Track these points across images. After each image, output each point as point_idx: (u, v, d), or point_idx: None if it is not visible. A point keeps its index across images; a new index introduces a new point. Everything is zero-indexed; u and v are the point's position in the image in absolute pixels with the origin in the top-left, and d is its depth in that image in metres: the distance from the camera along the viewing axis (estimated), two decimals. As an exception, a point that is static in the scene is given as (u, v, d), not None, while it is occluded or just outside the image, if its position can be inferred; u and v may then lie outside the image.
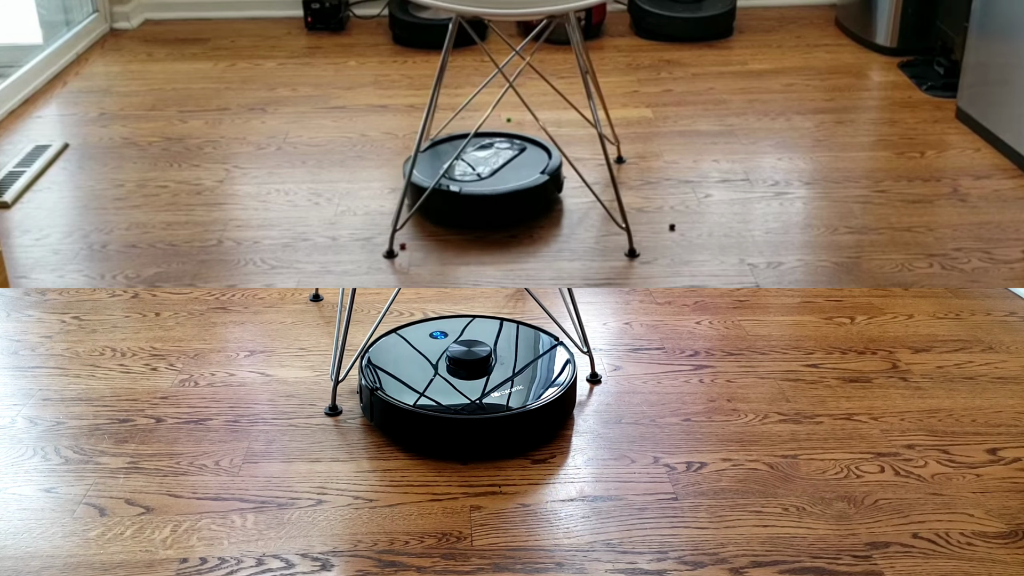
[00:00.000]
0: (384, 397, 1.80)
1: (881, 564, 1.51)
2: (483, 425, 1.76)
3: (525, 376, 1.90)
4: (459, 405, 1.79)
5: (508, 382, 1.86)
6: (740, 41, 3.65)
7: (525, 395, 1.83)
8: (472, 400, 1.80)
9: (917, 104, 3.02)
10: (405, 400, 1.79)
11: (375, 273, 2.13)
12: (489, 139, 2.50)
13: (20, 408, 1.94)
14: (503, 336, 2.03)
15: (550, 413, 1.82)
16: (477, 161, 2.36)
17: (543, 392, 1.84)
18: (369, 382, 1.85)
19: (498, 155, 2.39)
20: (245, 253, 2.21)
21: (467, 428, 1.76)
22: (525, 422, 1.78)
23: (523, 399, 1.81)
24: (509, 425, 1.77)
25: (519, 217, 2.32)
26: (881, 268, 2.14)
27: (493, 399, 1.81)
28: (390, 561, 1.52)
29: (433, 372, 1.88)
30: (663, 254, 2.19)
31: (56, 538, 1.57)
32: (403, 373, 1.88)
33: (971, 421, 1.89)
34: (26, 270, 2.16)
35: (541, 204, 2.35)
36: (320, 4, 3.79)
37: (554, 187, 2.37)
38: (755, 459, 1.77)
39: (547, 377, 1.90)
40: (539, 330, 2.06)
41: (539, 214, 2.35)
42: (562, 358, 1.96)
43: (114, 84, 3.27)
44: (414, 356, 1.95)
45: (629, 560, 1.52)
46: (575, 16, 2.24)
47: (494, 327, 2.06)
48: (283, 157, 2.70)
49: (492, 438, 1.78)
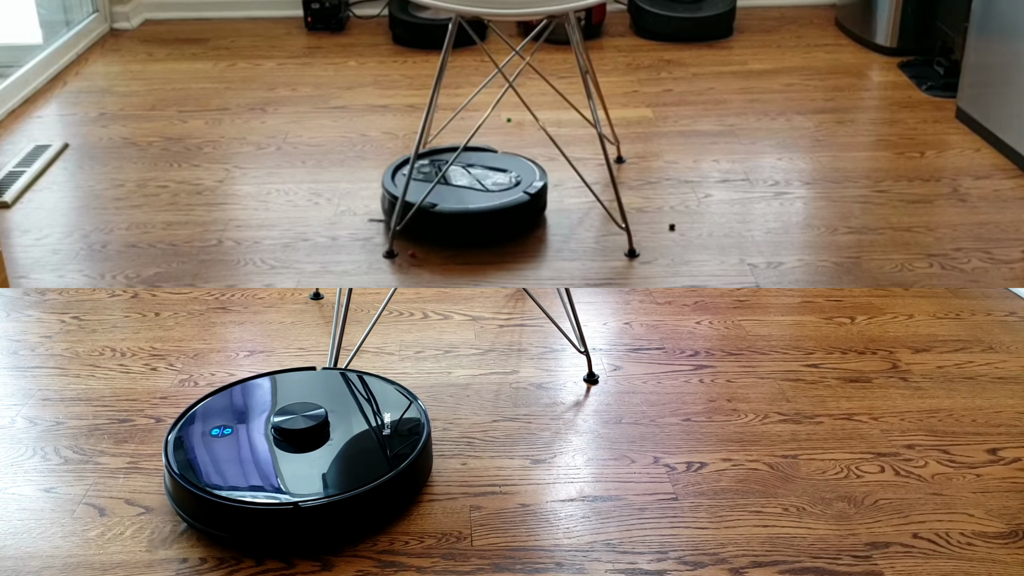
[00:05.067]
0: (181, 484, 1.54)
1: (881, 564, 1.51)
2: (294, 516, 1.50)
3: (355, 448, 1.64)
4: (271, 494, 1.52)
5: (339, 457, 1.60)
6: (740, 41, 3.65)
7: (354, 473, 1.57)
8: (289, 496, 1.52)
9: (917, 104, 3.02)
10: (211, 487, 1.53)
11: (375, 273, 2.13)
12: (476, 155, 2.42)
13: (20, 408, 1.94)
14: (344, 393, 1.79)
15: (388, 492, 1.57)
16: (484, 175, 2.30)
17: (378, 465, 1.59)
18: (173, 468, 1.59)
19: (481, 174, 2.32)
20: (245, 253, 2.21)
21: (275, 519, 1.50)
22: (350, 510, 1.53)
23: (348, 481, 1.56)
24: (326, 517, 1.52)
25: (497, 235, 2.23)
26: (881, 268, 2.14)
27: (304, 486, 1.54)
28: (390, 561, 1.52)
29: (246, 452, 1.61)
30: (663, 254, 2.19)
31: (56, 538, 1.57)
32: (212, 455, 1.61)
33: (971, 421, 1.89)
34: (26, 270, 2.16)
35: (520, 222, 2.25)
36: (320, 4, 3.79)
37: (535, 207, 2.26)
38: (755, 459, 1.77)
39: (383, 448, 1.64)
40: (390, 383, 1.82)
41: (519, 233, 2.26)
42: (412, 420, 1.71)
43: (114, 84, 3.27)
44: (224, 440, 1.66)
45: (629, 560, 1.52)
46: (575, 16, 2.24)
47: (335, 383, 1.82)
48: (283, 157, 2.69)
49: (308, 530, 1.52)
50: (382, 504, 1.57)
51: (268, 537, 1.52)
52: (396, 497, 1.60)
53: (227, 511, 1.51)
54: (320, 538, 1.53)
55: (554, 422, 1.88)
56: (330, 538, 1.54)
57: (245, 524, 1.52)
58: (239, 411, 1.74)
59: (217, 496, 1.52)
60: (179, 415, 1.74)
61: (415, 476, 1.64)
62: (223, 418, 1.72)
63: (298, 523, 1.51)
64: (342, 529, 1.54)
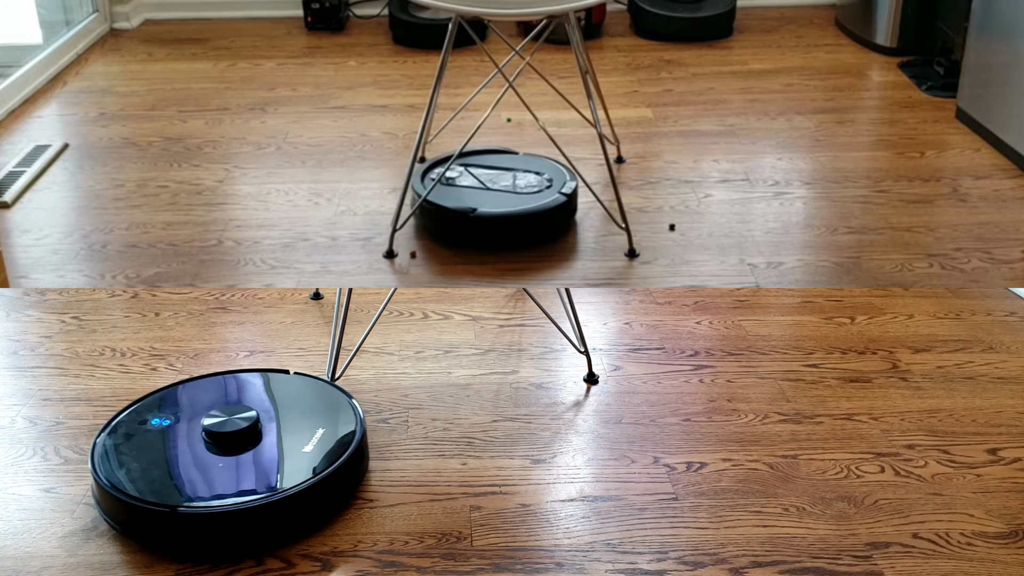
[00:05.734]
0: (109, 491, 1.54)
1: (881, 564, 1.51)
2: (229, 518, 1.49)
3: (293, 447, 1.64)
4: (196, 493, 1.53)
5: (279, 459, 1.61)
6: (740, 41, 3.65)
7: (290, 472, 1.58)
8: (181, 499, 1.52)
9: (917, 104, 3.02)
10: (138, 495, 1.53)
11: (375, 273, 2.13)
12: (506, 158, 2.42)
13: (20, 408, 1.94)
14: (280, 392, 1.79)
15: (324, 491, 1.57)
16: (494, 177, 2.30)
17: (320, 467, 1.59)
18: (100, 474, 1.58)
19: (507, 176, 2.32)
20: (245, 253, 2.21)
21: (204, 522, 1.50)
22: (288, 508, 1.53)
23: (288, 478, 1.57)
24: (264, 515, 1.52)
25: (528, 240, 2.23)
26: (881, 268, 2.14)
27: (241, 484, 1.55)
28: (390, 561, 1.52)
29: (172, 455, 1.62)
30: (663, 254, 2.19)
31: (56, 538, 1.57)
32: (140, 460, 1.62)
33: (971, 421, 1.89)
34: (26, 270, 2.16)
35: (552, 227, 2.25)
36: (320, 4, 3.79)
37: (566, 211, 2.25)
38: (755, 459, 1.77)
39: (320, 448, 1.65)
40: (327, 382, 1.83)
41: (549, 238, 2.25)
42: (347, 424, 1.71)
43: (114, 84, 3.27)
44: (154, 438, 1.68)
45: (629, 560, 1.52)
46: (575, 16, 2.24)
47: (262, 383, 1.83)
48: (283, 157, 2.69)
49: (243, 531, 1.52)
50: (288, 511, 1.54)
51: (162, 537, 1.53)
52: (311, 505, 1.56)
53: (117, 504, 1.53)
54: (207, 545, 1.52)
55: (554, 422, 1.88)
56: (217, 545, 1.52)
57: (139, 522, 1.53)
58: (182, 408, 1.76)
59: (116, 490, 1.54)
60: (128, 404, 1.77)
61: (333, 488, 1.60)
62: (165, 412, 1.75)
63: (183, 527, 1.50)
64: (230, 537, 1.52)
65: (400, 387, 2.00)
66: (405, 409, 1.92)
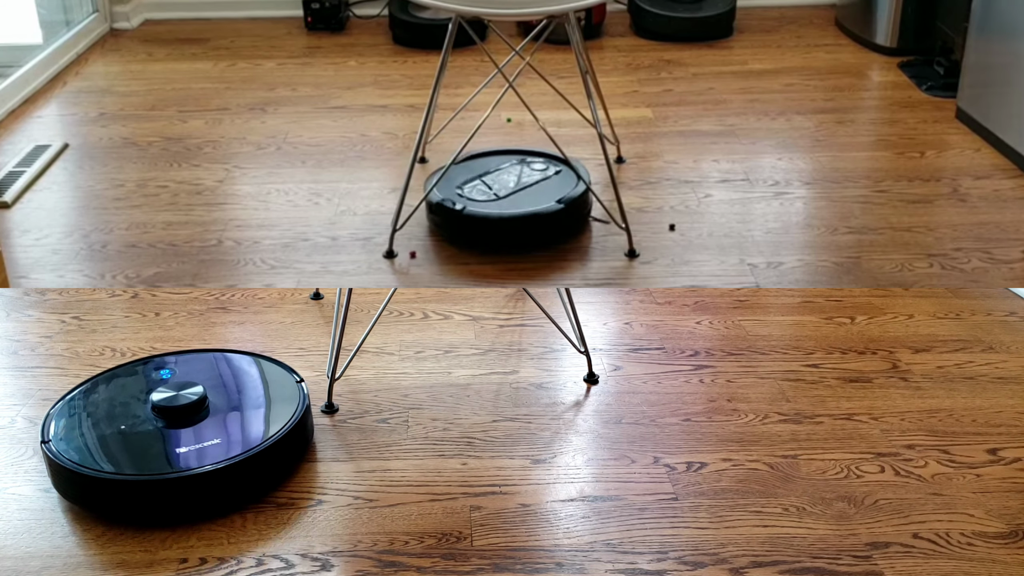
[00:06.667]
0: (59, 461, 1.61)
1: (881, 564, 1.51)
2: (183, 484, 1.58)
3: (237, 420, 1.73)
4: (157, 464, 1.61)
5: (222, 430, 1.70)
6: (740, 41, 3.65)
7: (238, 441, 1.67)
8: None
9: (917, 104, 3.02)
10: (90, 464, 1.61)
11: (375, 273, 2.13)
12: (529, 158, 2.41)
13: (20, 408, 1.94)
14: (224, 371, 1.88)
15: (272, 456, 1.67)
16: (500, 180, 2.29)
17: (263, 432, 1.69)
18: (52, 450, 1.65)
19: (526, 176, 2.30)
20: (245, 253, 2.21)
21: (163, 489, 1.58)
22: (237, 474, 1.62)
23: (237, 446, 1.66)
24: (217, 480, 1.61)
25: (527, 242, 2.22)
26: (881, 268, 2.14)
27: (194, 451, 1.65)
28: (390, 561, 1.52)
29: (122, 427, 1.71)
30: (663, 254, 2.19)
31: (56, 538, 1.57)
32: (92, 430, 1.70)
33: (971, 421, 1.89)
34: (26, 270, 2.16)
35: (552, 231, 2.22)
36: (320, 4, 3.79)
37: (569, 216, 2.22)
38: (755, 459, 1.77)
39: (266, 416, 1.75)
40: (277, 363, 1.92)
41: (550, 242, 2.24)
42: (290, 393, 1.81)
43: (114, 84, 3.27)
44: (109, 407, 1.77)
45: (629, 560, 1.52)
46: (575, 16, 2.24)
47: (211, 362, 1.92)
48: (283, 157, 2.70)
49: (196, 496, 1.61)
50: (226, 482, 1.63)
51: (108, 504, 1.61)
52: (249, 475, 1.66)
53: (62, 472, 1.61)
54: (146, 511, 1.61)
55: (554, 422, 1.88)
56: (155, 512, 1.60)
57: (87, 490, 1.61)
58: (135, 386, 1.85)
59: (64, 459, 1.61)
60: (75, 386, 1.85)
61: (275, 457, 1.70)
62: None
63: (121, 495, 1.59)
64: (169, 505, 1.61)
65: (400, 387, 2.00)
66: (405, 409, 1.92)
